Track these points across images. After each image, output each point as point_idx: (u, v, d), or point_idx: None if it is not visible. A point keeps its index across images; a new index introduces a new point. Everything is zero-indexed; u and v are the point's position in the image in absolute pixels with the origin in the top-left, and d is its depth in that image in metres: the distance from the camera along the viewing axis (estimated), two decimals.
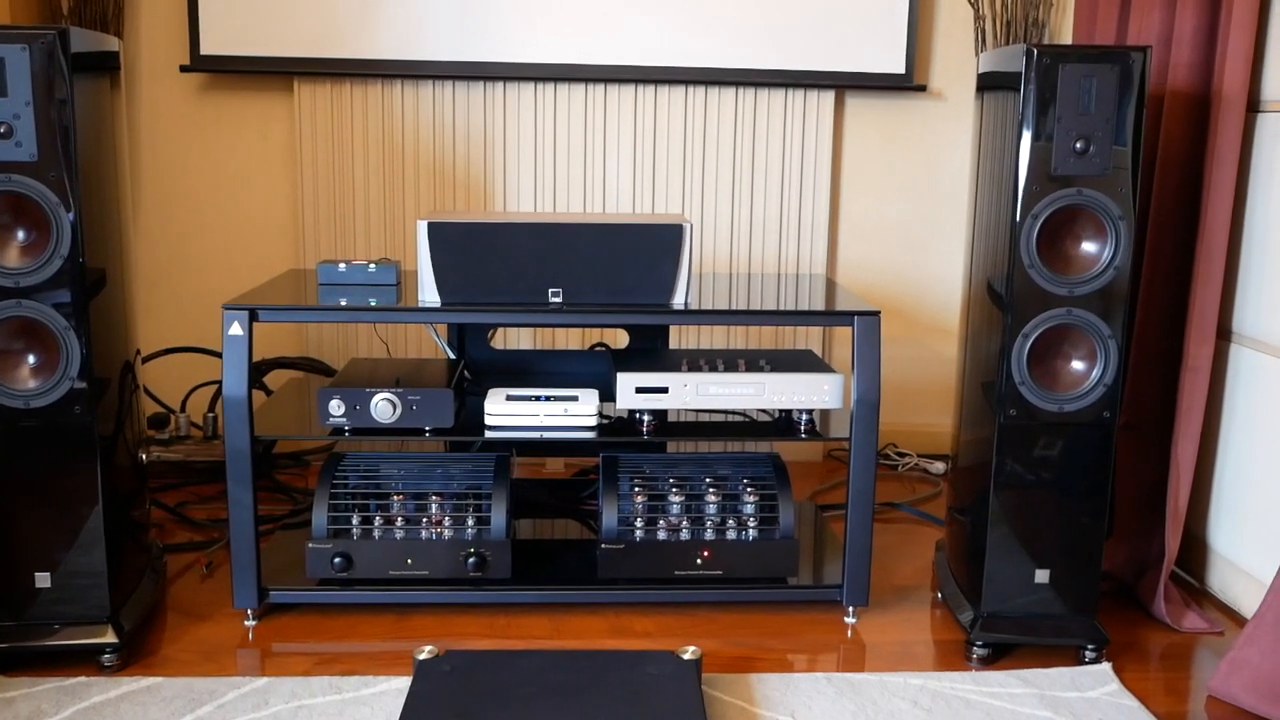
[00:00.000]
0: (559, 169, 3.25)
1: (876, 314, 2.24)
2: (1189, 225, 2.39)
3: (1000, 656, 2.20)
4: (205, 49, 3.12)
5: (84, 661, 2.09)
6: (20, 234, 1.96)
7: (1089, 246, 2.06)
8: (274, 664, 2.13)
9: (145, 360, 3.21)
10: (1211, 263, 2.27)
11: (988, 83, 2.21)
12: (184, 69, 3.13)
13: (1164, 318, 2.44)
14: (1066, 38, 3.23)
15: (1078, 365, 2.11)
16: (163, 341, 3.34)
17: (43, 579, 2.06)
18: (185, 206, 3.30)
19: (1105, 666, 2.13)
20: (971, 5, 3.23)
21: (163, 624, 2.28)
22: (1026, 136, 2.01)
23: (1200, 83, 2.35)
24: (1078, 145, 2.01)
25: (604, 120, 3.23)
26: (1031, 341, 2.07)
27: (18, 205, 1.94)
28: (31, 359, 2.00)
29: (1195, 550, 2.55)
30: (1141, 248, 2.43)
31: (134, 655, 2.14)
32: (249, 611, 2.27)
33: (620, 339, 3.24)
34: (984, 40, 3.23)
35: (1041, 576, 2.17)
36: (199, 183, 3.29)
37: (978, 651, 2.17)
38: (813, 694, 2.03)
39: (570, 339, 3.32)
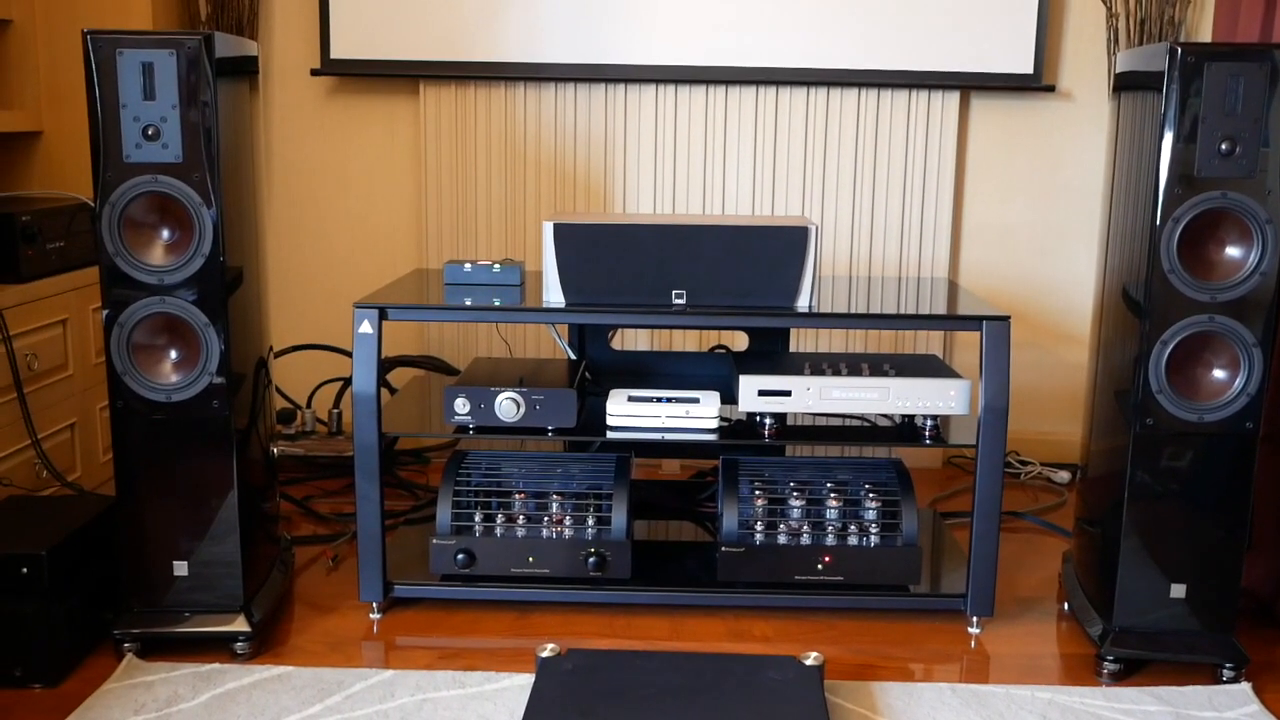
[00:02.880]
0: (679, 171, 3.25)
1: (1006, 319, 2.19)
2: None
3: (1131, 672, 2.14)
4: (335, 53, 3.19)
5: (217, 648, 2.15)
6: (165, 233, 2.03)
7: (1233, 251, 1.99)
8: (398, 657, 2.16)
9: (275, 357, 3.29)
10: None
11: (1126, 83, 2.15)
12: (314, 72, 3.21)
13: None
14: (1204, 35, 3.13)
15: (1219, 374, 2.04)
16: (289, 338, 3.42)
17: (180, 567, 2.12)
18: (313, 206, 3.38)
19: (1245, 686, 2.06)
20: (1104, 3, 3.15)
21: (291, 614, 2.33)
22: (1168, 138, 1.95)
23: None
24: (1223, 147, 1.94)
25: (724, 122, 3.23)
26: (1171, 349, 2.01)
27: (163, 205, 2.01)
28: (173, 354, 2.07)
29: None
30: None
31: (264, 644, 2.19)
32: (374, 605, 2.31)
33: (738, 341, 3.22)
34: (1116, 39, 3.14)
35: (1177, 591, 2.10)
36: (327, 183, 3.36)
37: (1109, 666, 2.11)
38: (937, 704, 2.00)
39: (688, 341, 3.32)
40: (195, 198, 1.98)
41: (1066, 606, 2.38)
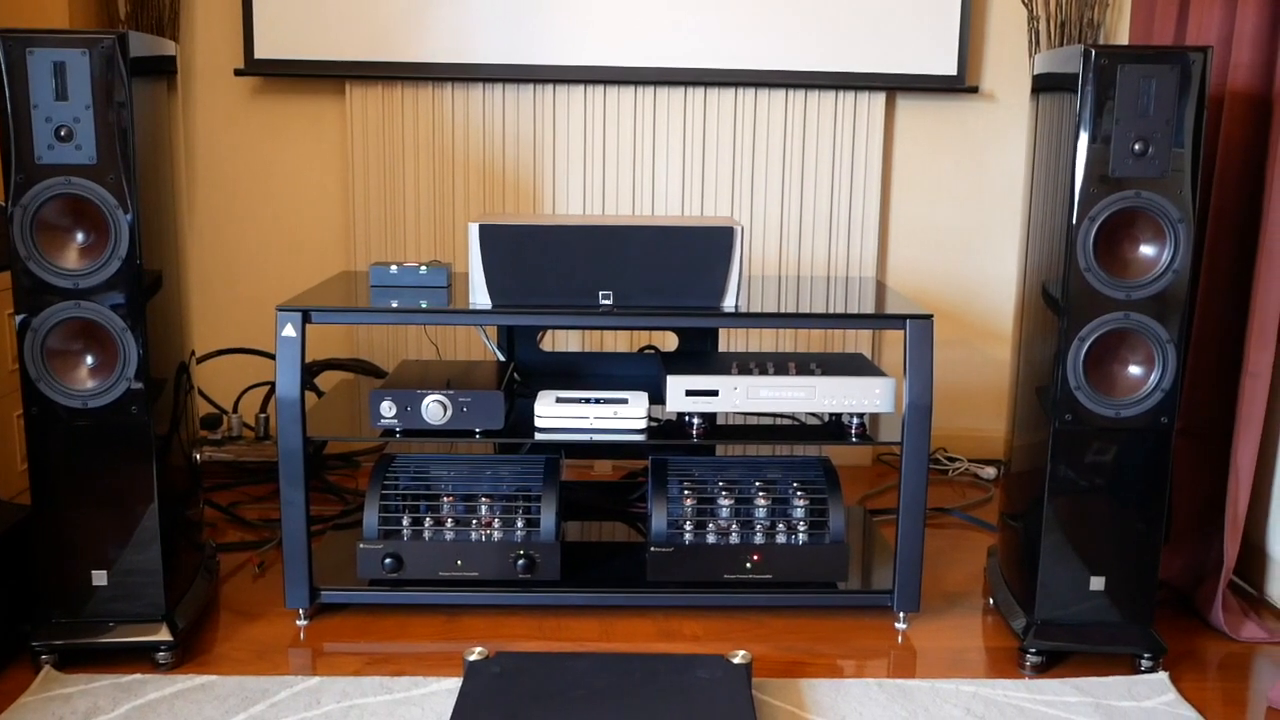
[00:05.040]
0: (608, 172, 3.25)
1: (929, 317, 2.22)
2: (1249, 228, 2.35)
3: (1054, 664, 2.17)
4: (259, 53, 3.15)
5: (139, 659, 2.11)
6: (79, 236, 1.99)
7: (1147, 250, 2.03)
8: (325, 663, 2.14)
9: (199, 361, 3.24)
10: (1272, 266, 2.23)
11: (1044, 84, 2.19)
12: (238, 72, 3.17)
13: (1223, 322, 2.40)
14: (1122, 38, 3.19)
15: (1135, 370, 2.08)
16: (215, 343, 3.37)
17: (99, 577, 2.08)
18: (238, 208, 3.33)
19: (1162, 676, 2.10)
20: (1025, 6, 3.20)
21: (216, 623, 2.30)
22: (1084, 138, 1.99)
23: (1261, 83, 2.31)
24: (1136, 147, 1.98)
25: (654, 123, 3.23)
26: (1088, 346, 2.05)
27: (77, 207, 1.97)
28: (89, 359, 2.03)
29: (1254, 558, 2.50)
30: (1200, 251, 2.39)
31: (188, 653, 2.16)
32: (301, 611, 2.29)
33: (669, 341, 3.23)
34: (1038, 41, 3.19)
35: (1096, 584, 2.14)
36: (252, 185, 3.32)
37: (1031, 659, 2.15)
38: (864, 700, 2.02)
39: (619, 341, 3.32)
40: (110, 200, 1.95)
41: (991, 601, 2.41)
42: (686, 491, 2.34)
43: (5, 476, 2.68)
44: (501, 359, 2.64)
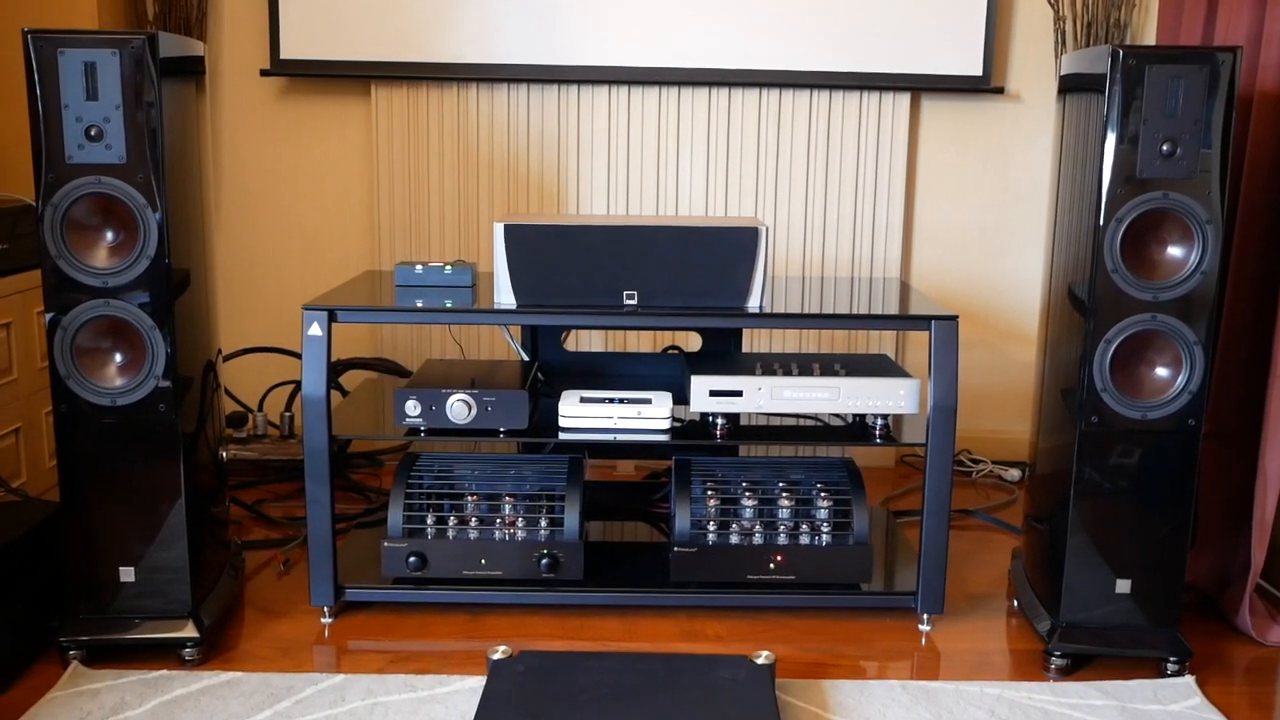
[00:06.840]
0: (632, 172, 3.25)
1: (954, 318, 2.21)
2: (1278, 229, 2.33)
3: (1078, 667, 2.16)
4: (285, 53, 3.17)
5: (165, 655, 2.12)
6: (109, 235, 2.00)
7: (1175, 251, 2.02)
8: (350, 661, 2.15)
9: (225, 360, 3.26)
10: None
11: (1070, 84, 2.18)
12: (264, 73, 3.18)
13: (1251, 324, 2.38)
14: (1149, 38, 3.17)
15: (1162, 372, 2.06)
16: (240, 341, 3.39)
17: (126, 573, 2.10)
18: (264, 208, 3.35)
19: (1188, 679, 2.09)
20: (1051, 6, 3.18)
21: (241, 620, 2.31)
22: (1111, 139, 1.98)
23: None
24: (1164, 148, 1.97)
25: (678, 123, 3.23)
26: (1114, 347, 2.04)
27: (107, 206, 1.98)
28: (118, 358, 2.05)
29: None
30: (1228, 252, 2.37)
31: (213, 650, 2.17)
32: (325, 609, 2.30)
33: (692, 341, 3.23)
34: (1064, 42, 3.18)
35: (1122, 586, 2.13)
36: (277, 184, 3.34)
37: (1056, 661, 2.14)
38: (887, 701, 2.01)
39: (641, 341, 3.32)
40: (139, 199, 1.96)
41: (1015, 603, 2.40)
42: (710, 492, 2.34)
43: (34, 473, 2.70)
44: (525, 359, 2.65)
